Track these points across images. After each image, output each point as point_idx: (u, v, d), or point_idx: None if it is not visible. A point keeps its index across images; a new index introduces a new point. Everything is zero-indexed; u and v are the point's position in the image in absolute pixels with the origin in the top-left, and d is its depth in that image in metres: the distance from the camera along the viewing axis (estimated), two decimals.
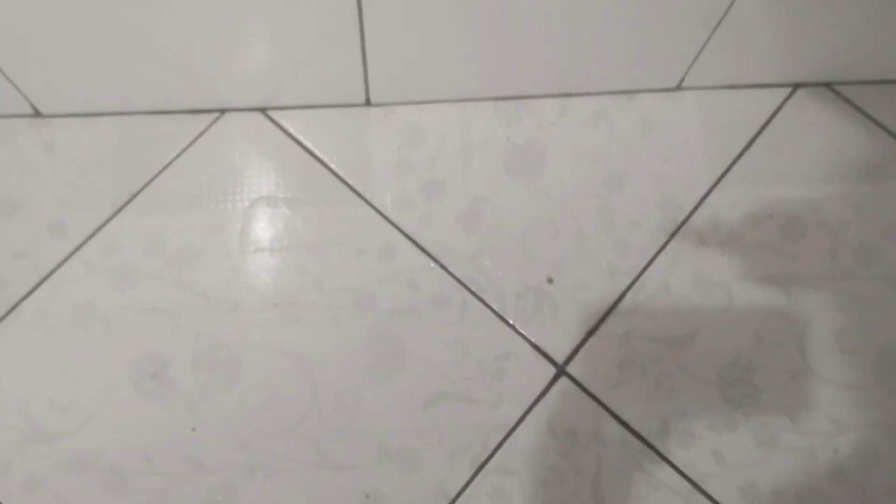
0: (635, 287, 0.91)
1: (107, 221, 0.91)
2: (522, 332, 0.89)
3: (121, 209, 0.91)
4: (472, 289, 0.90)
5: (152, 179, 0.93)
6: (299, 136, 0.95)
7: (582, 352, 0.89)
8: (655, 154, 0.94)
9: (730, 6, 0.85)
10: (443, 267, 0.91)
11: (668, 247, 0.92)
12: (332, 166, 0.94)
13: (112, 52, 0.86)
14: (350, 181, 0.93)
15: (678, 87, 0.97)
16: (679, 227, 0.92)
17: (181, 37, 0.85)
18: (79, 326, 0.87)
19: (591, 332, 0.89)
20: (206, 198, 0.92)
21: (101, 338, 0.87)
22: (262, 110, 0.95)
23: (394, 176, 0.93)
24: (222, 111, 0.95)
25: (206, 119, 0.94)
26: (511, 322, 0.89)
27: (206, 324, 0.88)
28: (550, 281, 0.91)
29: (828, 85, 0.98)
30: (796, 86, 0.98)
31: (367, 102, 0.95)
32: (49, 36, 0.83)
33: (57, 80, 0.90)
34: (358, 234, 0.92)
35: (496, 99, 0.96)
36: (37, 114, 0.93)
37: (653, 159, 0.94)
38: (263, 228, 0.91)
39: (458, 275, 0.90)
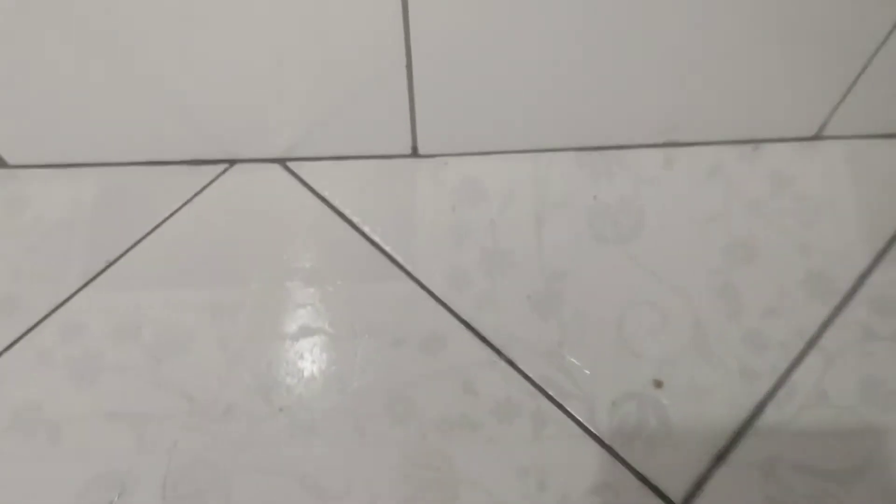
0: (779, 396, 0.66)
1: (71, 296, 0.70)
2: (622, 455, 0.65)
3: (91, 281, 0.71)
4: (551, 393, 0.67)
5: (135, 245, 0.73)
6: (326, 194, 0.75)
7: (708, 487, 0.63)
8: (793, 218, 0.72)
9: (887, 35, 0.66)
10: (510, 363, 0.68)
11: (821, 341, 0.68)
12: (367, 230, 0.74)
13: (94, 89, 0.69)
14: (388, 249, 0.73)
15: (818, 136, 0.76)
16: (834, 315, 0.69)
17: (182, 71, 0.68)
18: (19, 434, 0.65)
19: (719, 458, 0.65)
20: (202, 269, 0.72)
21: (46, 450, 0.64)
22: (282, 161, 0.77)
23: (446, 243, 0.73)
24: (231, 162, 0.76)
25: (209, 171, 0.76)
26: (606, 441, 0.65)
27: (186, 434, 0.65)
28: (659, 384, 0.67)
29: None
30: None
31: (414, 153, 0.76)
32: (18, 72, 0.68)
33: (27, 125, 0.74)
34: (397, 317, 0.70)
35: (580, 149, 0.76)
36: (2, 164, 0.77)
37: (790, 224, 0.72)
38: (274, 309, 0.71)
39: (531, 374, 0.68)
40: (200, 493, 0.63)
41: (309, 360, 0.68)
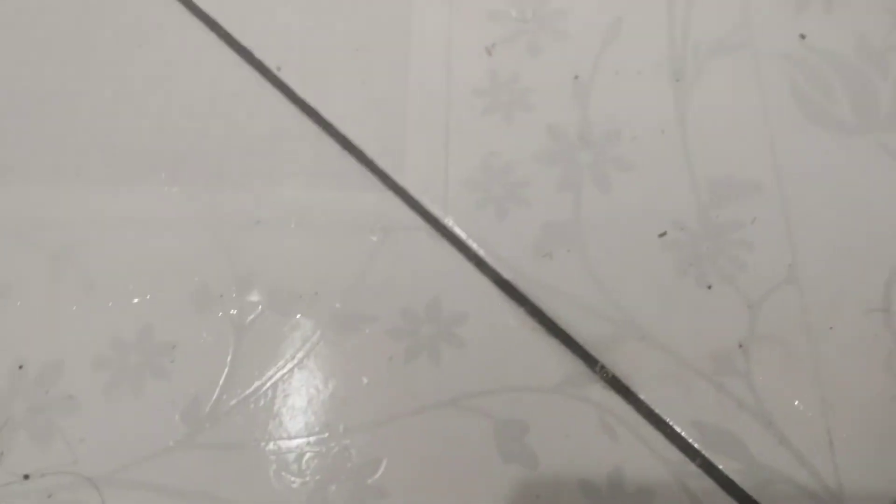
0: None
1: None
2: None
3: None
4: (723, 468, 0.29)
5: None
6: (216, 13, 0.40)
7: None
8: None
9: None
10: (622, 389, 0.30)
11: None
12: (313, 102, 0.37)
13: None
14: (358, 140, 0.35)
15: None
16: None
17: None
18: None
19: None
20: None
21: None
22: None
23: (473, 122, 0.35)
24: None
25: None
26: None
27: None
28: None
29: None
30: None
31: None
32: None
33: None
34: (364, 260, 0.32)
35: None
36: None
37: None
38: None
39: (672, 420, 0.30)
40: None
41: (127, 356, 0.30)
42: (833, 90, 0.35)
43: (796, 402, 0.28)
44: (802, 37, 0.36)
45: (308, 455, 0.28)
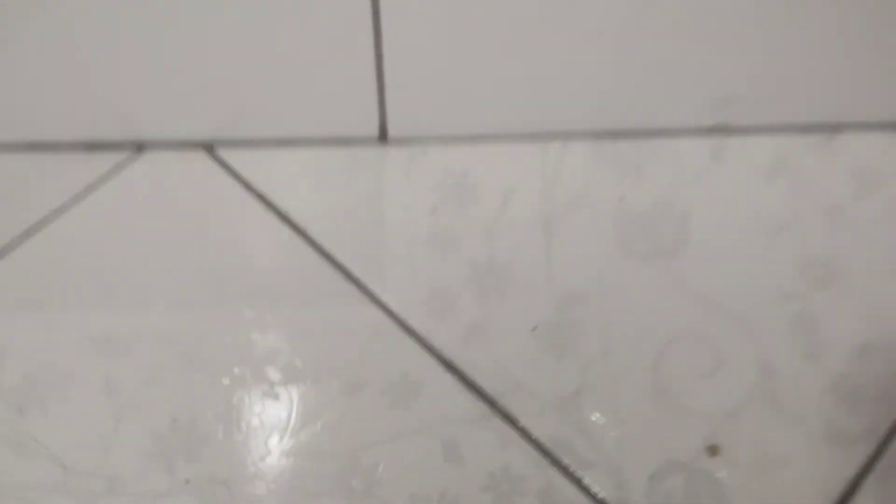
0: (880, 468, 0.52)
1: None
2: None
3: None
4: (565, 462, 0.52)
5: None
6: (265, 190, 0.59)
7: None
8: (888, 226, 0.59)
9: None
10: (509, 419, 0.53)
11: None
12: (318, 239, 0.57)
13: None
14: (346, 263, 0.57)
15: None
16: None
17: (76, 28, 0.55)
18: None
19: None
20: (90, 288, 0.56)
21: None
22: (207, 146, 0.62)
23: (423, 257, 0.57)
24: (139, 146, 0.63)
25: (108, 159, 0.60)
26: None
27: None
28: (714, 451, 0.52)
29: None
30: None
31: (382, 137, 0.62)
32: None
33: None
34: (355, 354, 0.54)
35: (600, 135, 0.61)
36: None
37: (884, 235, 0.59)
38: (184, 342, 0.54)
39: (537, 435, 0.53)
40: None
41: (230, 413, 0.53)
42: (639, 234, 0.58)
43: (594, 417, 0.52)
44: (622, 199, 0.59)
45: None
